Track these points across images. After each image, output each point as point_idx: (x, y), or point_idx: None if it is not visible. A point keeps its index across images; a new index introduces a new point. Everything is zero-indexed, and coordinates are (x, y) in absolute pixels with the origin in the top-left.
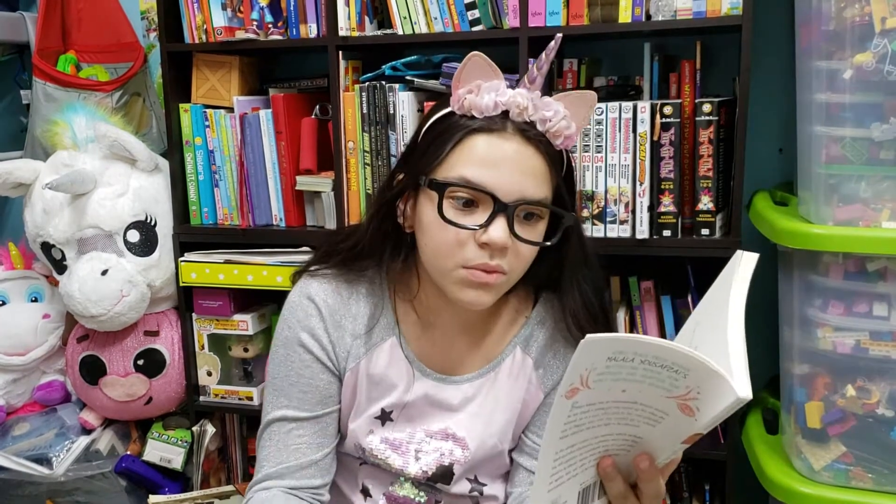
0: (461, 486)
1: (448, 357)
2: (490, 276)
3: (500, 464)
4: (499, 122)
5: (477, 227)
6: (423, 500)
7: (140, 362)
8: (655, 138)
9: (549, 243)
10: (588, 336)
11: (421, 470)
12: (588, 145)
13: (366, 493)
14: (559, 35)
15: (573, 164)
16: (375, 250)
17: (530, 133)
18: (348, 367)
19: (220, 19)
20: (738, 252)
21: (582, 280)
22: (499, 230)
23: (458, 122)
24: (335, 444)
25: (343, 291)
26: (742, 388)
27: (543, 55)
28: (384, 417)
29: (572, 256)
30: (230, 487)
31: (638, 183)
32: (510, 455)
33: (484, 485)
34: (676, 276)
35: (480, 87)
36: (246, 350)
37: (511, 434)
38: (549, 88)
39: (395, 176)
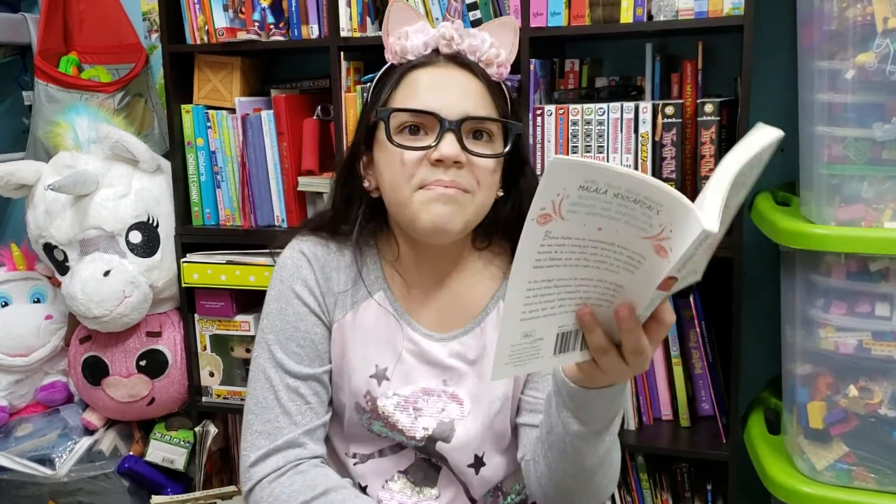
0: (461, 455)
1: (431, 315)
2: (449, 189)
3: (501, 430)
4: (432, 56)
5: (425, 147)
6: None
7: (142, 363)
8: (657, 138)
9: (500, 154)
10: (556, 156)
11: (422, 428)
12: (590, 145)
13: (363, 490)
14: None
15: (515, 99)
16: (343, 216)
17: (464, 60)
18: (335, 320)
19: (221, 20)
20: (760, 123)
21: None
22: (449, 145)
23: (395, 69)
24: (329, 412)
25: (332, 244)
26: (708, 220)
27: None
28: (380, 377)
29: (529, 188)
30: (232, 488)
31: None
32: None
33: (483, 464)
34: None
35: (408, 33)
36: (248, 351)
37: (511, 397)
38: (551, 90)
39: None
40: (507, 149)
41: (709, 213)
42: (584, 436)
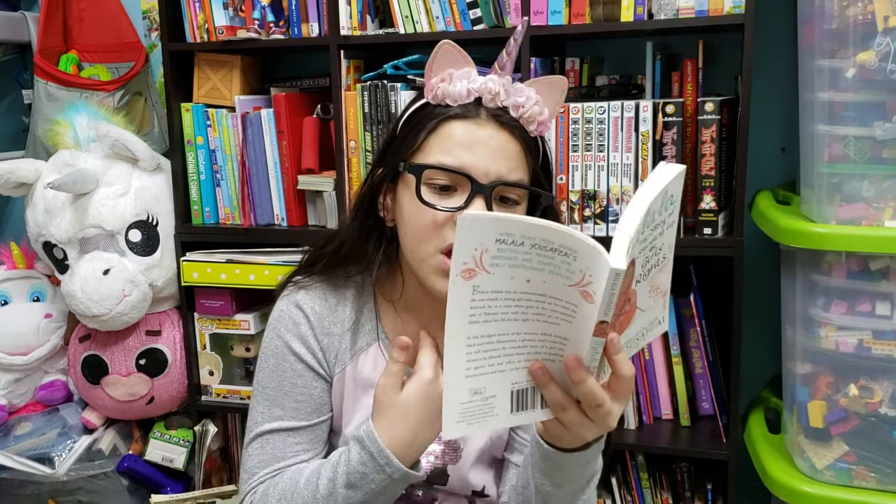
0: (461, 487)
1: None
2: None
3: (499, 464)
4: (472, 108)
5: (455, 209)
6: (419, 493)
7: (142, 362)
8: (658, 137)
9: None
10: (465, 212)
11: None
12: (590, 144)
13: None
14: (525, 18)
15: (549, 152)
16: (359, 249)
17: (504, 118)
18: (335, 373)
19: (221, 19)
20: (662, 162)
21: None
22: (477, 210)
23: (433, 111)
24: (325, 451)
25: (330, 298)
26: (614, 258)
27: (512, 40)
28: None
29: None
30: (232, 487)
31: (640, 182)
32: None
33: (486, 496)
34: (678, 275)
35: (452, 76)
36: (248, 350)
37: (506, 435)
38: None
39: (374, 171)
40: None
41: (615, 251)
42: (557, 495)
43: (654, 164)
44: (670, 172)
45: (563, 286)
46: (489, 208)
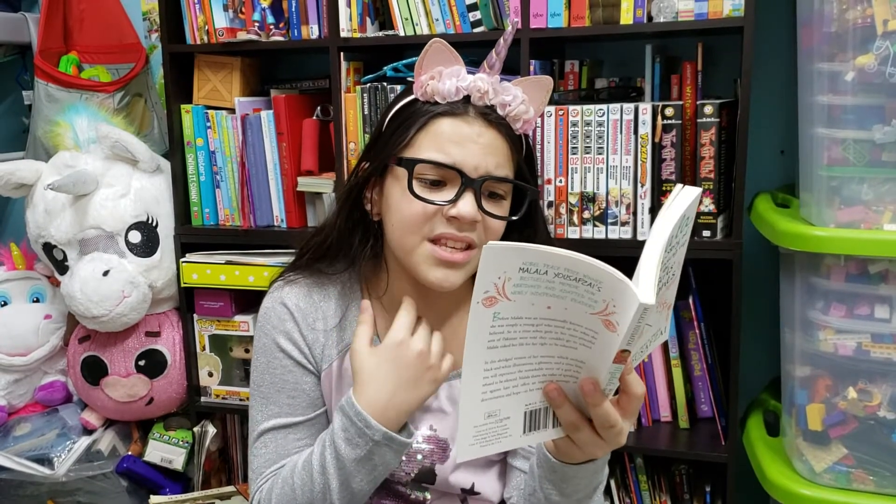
0: (448, 486)
1: None
2: (456, 254)
3: (490, 461)
4: (461, 106)
5: (446, 203)
6: (409, 492)
7: (141, 363)
8: (657, 140)
9: (515, 217)
10: (490, 242)
11: (403, 472)
12: (589, 147)
13: None
14: (516, 19)
15: (532, 149)
16: (344, 242)
17: (491, 117)
18: (323, 368)
19: (221, 20)
20: (679, 185)
21: None
22: (467, 205)
23: (421, 108)
24: None
25: (315, 294)
26: (644, 294)
27: (501, 40)
28: None
29: (540, 239)
30: (231, 488)
31: (639, 184)
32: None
33: (476, 493)
34: None
35: (442, 74)
36: (247, 351)
37: None
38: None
39: (360, 165)
40: (521, 213)
41: (644, 286)
42: None
43: (654, 166)
44: (688, 196)
45: (584, 313)
46: (478, 202)
